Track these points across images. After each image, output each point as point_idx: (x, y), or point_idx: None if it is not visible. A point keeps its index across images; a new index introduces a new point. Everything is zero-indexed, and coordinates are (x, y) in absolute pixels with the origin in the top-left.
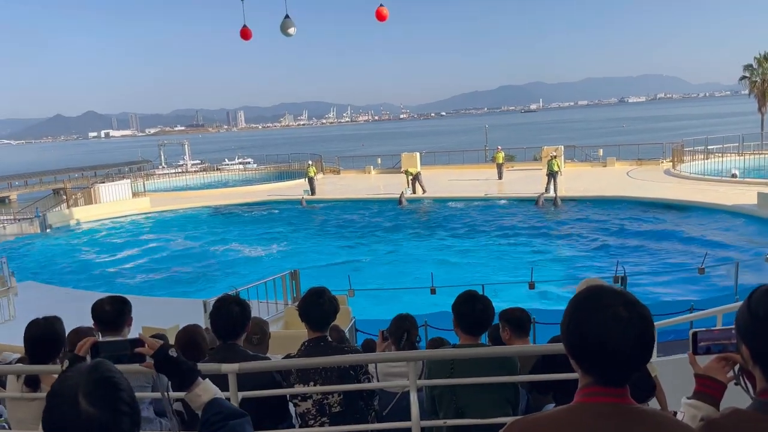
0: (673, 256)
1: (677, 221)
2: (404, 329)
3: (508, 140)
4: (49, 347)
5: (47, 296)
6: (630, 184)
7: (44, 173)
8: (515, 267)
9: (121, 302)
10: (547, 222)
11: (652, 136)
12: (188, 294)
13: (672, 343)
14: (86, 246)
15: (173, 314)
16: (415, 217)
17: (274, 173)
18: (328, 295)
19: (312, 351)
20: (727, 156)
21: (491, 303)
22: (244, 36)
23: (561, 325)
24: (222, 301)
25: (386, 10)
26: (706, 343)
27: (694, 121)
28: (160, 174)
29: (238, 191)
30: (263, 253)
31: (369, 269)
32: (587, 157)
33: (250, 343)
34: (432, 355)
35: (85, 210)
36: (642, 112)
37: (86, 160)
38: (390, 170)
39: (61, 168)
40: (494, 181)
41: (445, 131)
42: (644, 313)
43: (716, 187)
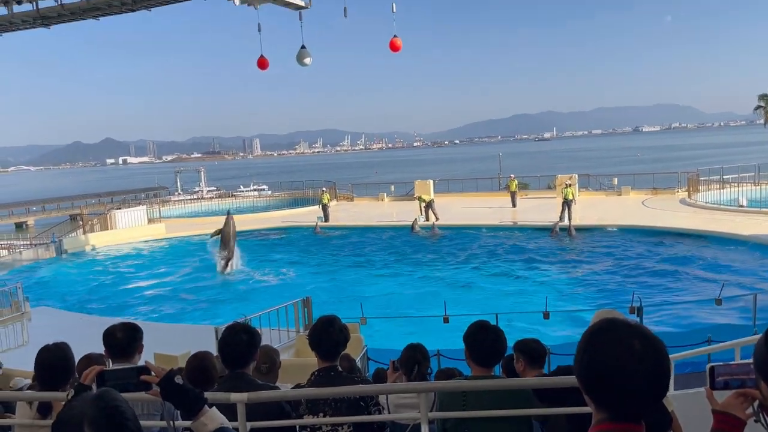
0: (690, 287)
1: (693, 251)
2: (415, 360)
3: (521, 168)
4: (60, 373)
5: (60, 321)
6: (645, 214)
7: (61, 199)
8: (529, 296)
9: (133, 329)
10: (561, 251)
11: (667, 165)
12: (200, 320)
13: (689, 376)
14: (101, 271)
15: (185, 341)
16: (428, 245)
17: (289, 200)
18: (339, 324)
19: (322, 381)
20: (742, 186)
21: (503, 333)
22: (261, 66)
23: (574, 358)
24: (231, 329)
25: (400, 41)
26: (724, 378)
27: (709, 151)
28: (176, 200)
29: (253, 218)
30: (276, 280)
31: (381, 296)
32: (602, 186)
33: (259, 372)
34: (443, 387)
35: (100, 236)
36: (657, 141)
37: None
38: (403, 197)
39: (78, 194)
40: (508, 209)
41: (458, 159)
42: (660, 347)
43: (732, 216)
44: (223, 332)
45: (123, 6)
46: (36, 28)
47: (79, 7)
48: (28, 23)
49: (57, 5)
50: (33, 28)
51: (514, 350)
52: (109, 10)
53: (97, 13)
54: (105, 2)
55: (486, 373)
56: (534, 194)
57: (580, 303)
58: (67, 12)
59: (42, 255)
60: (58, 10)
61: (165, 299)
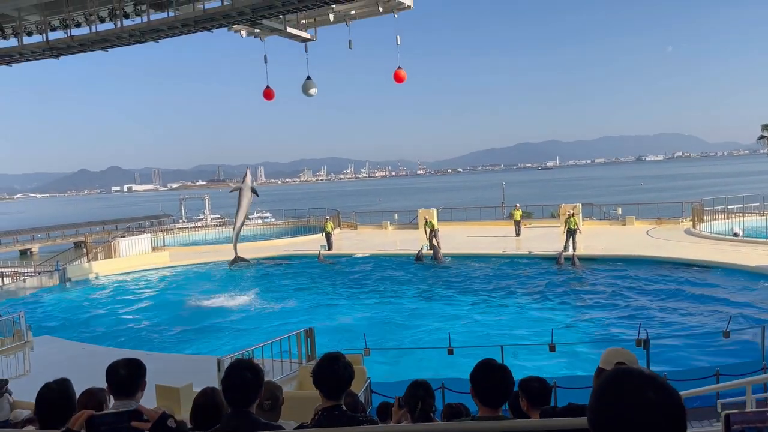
0: (697, 319)
1: (699, 282)
2: (418, 398)
3: (525, 197)
4: (61, 411)
5: (63, 351)
6: (650, 244)
7: (66, 226)
8: (535, 327)
9: (136, 366)
10: (567, 281)
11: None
12: (202, 350)
13: (697, 411)
14: (104, 300)
15: (186, 372)
16: (431, 274)
17: (292, 228)
18: (343, 361)
19: (326, 421)
20: (747, 216)
21: (509, 372)
22: (267, 96)
23: (588, 406)
24: (234, 367)
25: (404, 72)
26: (739, 426)
27: (713, 180)
28: (180, 228)
29: (256, 246)
30: (279, 309)
31: (385, 327)
32: (606, 216)
33: (261, 409)
34: (449, 429)
35: (104, 264)
36: (660, 170)
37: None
38: (407, 226)
39: (82, 221)
40: (512, 238)
41: (461, 187)
42: (675, 398)
43: (738, 247)
44: (226, 370)
45: (131, 38)
46: (45, 58)
47: (88, 39)
48: (38, 54)
49: (66, 37)
50: (42, 59)
51: (519, 388)
52: (118, 42)
53: (105, 45)
54: (113, 34)
55: (493, 413)
56: (538, 223)
57: (586, 335)
58: (76, 43)
59: (45, 283)
60: (67, 42)
61: (167, 329)
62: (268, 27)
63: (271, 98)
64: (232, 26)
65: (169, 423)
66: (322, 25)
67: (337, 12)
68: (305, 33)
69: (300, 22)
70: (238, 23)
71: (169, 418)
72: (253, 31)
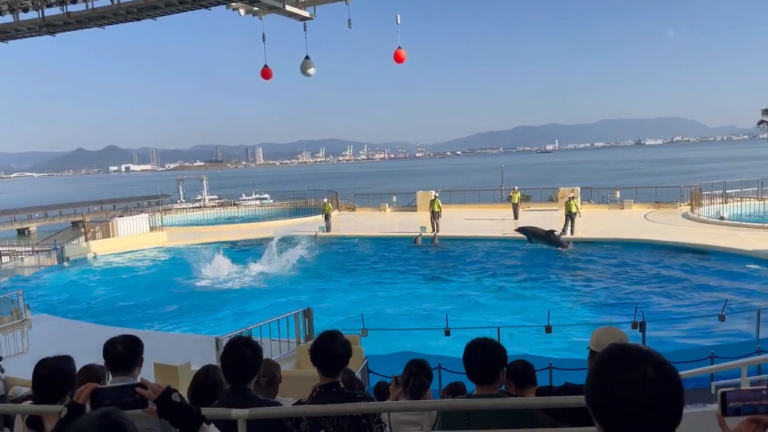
0: (693, 302)
1: (696, 266)
2: (411, 373)
3: (524, 180)
4: (57, 387)
5: (61, 329)
6: (648, 227)
7: (64, 206)
8: (531, 309)
9: (133, 342)
10: (564, 264)
11: (670, 179)
12: (200, 330)
13: (691, 392)
14: (102, 279)
15: (185, 351)
16: (429, 256)
17: (290, 209)
18: (341, 339)
19: (324, 398)
20: (745, 200)
21: (498, 349)
22: (265, 76)
23: (585, 384)
24: (233, 344)
25: (404, 52)
26: (735, 404)
27: (711, 165)
28: (178, 208)
29: (254, 227)
30: (277, 289)
31: (383, 308)
32: (604, 199)
33: (259, 386)
34: (445, 406)
35: (102, 243)
36: (659, 154)
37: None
38: (405, 208)
39: (80, 201)
40: (510, 221)
41: (460, 170)
42: (673, 374)
43: (735, 231)
44: (225, 346)
45: (128, 15)
46: (41, 35)
47: (85, 16)
48: (34, 30)
49: (62, 13)
50: (38, 36)
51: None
52: (115, 19)
53: (102, 22)
54: (110, 11)
55: (489, 391)
56: (536, 206)
57: (583, 317)
58: (72, 20)
59: (43, 262)
60: (63, 18)
61: (165, 308)
62: (266, 5)
63: (269, 77)
64: (230, 4)
65: (174, 397)
66: (322, 3)
67: None
68: (304, 11)
69: (299, 1)
70: (236, 0)
71: (174, 393)
72: (252, 9)
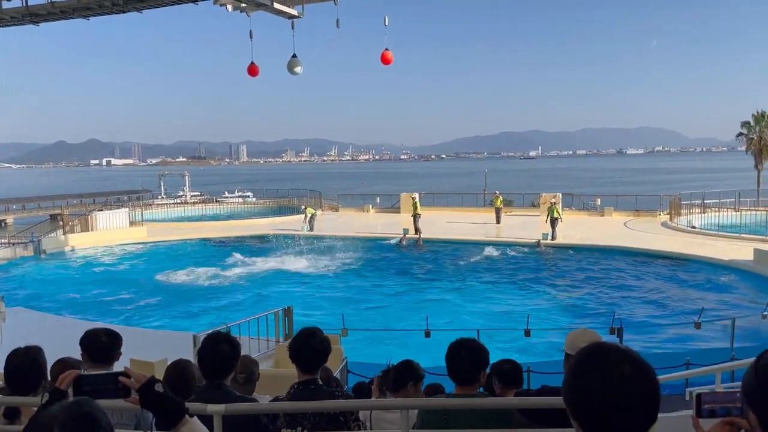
0: (669, 309)
1: (673, 274)
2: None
3: (507, 185)
4: (30, 378)
5: (36, 323)
6: (627, 235)
7: (42, 198)
8: (511, 313)
9: (115, 336)
10: (544, 269)
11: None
12: (178, 326)
13: (665, 398)
14: (79, 273)
15: (162, 347)
16: (411, 258)
17: (273, 207)
18: (320, 336)
19: (301, 394)
20: (723, 211)
21: (481, 350)
22: (252, 73)
23: (562, 382)
24: (212, 338)
25: (391, 54)
26: (710, 406)
27: (691, 175)
28: (159, 204)
29: (236, 224)
30: (257, 288)
31: (363, 308)
32: (585, 206)
33: (236, 383)
34: (423, 405)
35: (80, 237)
36: (640, 164)
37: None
38: (388, 209)
39: (59, 194)
40: (492, 225)
41: (444, 173)
42: (649, 373)
43: (713, 241)
44: (203, 341)
45: (114, 6)
46: (24, 24)
47: (70, 6)
48: (17, 19)
49: (47, 3)
50: (21, 25)
51: (491, 373)
52: (100, 10)
53: (87, 13)
54: (95, 2)
55: (468, 392)
56: (518, 211)
57: (562, 321)
58: (56, 10)
59: (20, 254)
60: (47, 8)
61: (143, 304)
62: (254, 2)
63: (255, 74)
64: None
65: (157, 387)
66: (310, 2)
67: None
68: (292, 9)
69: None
70: None
71: (157, 383)
72: (239, 5)
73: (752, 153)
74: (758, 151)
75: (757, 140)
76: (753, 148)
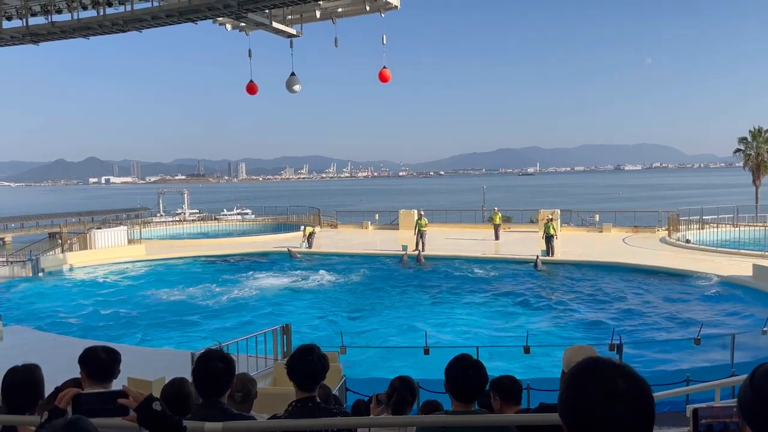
0: (669, 326)
1: (673, 290)
2: (394, 389)
3: (505, 202)
4: (27, 396)
5: (33, 342)
6: (626, 251)
7: (41, 216)
8: (510, 329)
9: (115, 353)
10: (543, 285)
11: (648, 204)
12: (176, 345)
13: (666, 415)
14: (77, 291)
15: (160, 366)
16: (410, 274)
17: (272, 225)
18: (318, 353)
19: (299, 412)
20: (722, 227)
21: (484, 368)
22: (251, 91)
23: (558, 397)
24: (206, 356)
25: (389, 72)
26: (707, 421)
27: (689, 191)
28: (158, 222)
29: (235, 242)
30: (255, 306)
31: (362, 326)
32: (583, 222)
33: (233, 401)
34: (422, 422)
35: (79, 255)
36: (638, 180)
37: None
38: (387, 226)
39: (58, 212)
40: (491, 242)
41: (443, 190)
42: (644, 387)
43: (712, 257)
44: (197, 359)
45: (114, 26)
46: (24, 44)
47: (70, 26)
48: (17, 39)
49: (47, 23)
50: (21, 44)
51: (491, 388)
52: (100, 30)
53: (87, 32)
54: (96, 21)
55: (466, 408)
56: (517, 228)
57: (561, 338)
58: (57, 29)
59: (18, 273)
60: (48, 28)
61: (141, 322)
62: (253, 21)
63: (254, 93)
64: (216, 19)
65: (155, 406)
66: (309, 21)
67: (323, 9)
68: (291, 29)
69: (286, 18)
70: (223, 16)
71: (155, 401)
72: (238, 24)
73: (750, 169)
74: (756, 166)
75: (755, 156)
76: (751, 164)
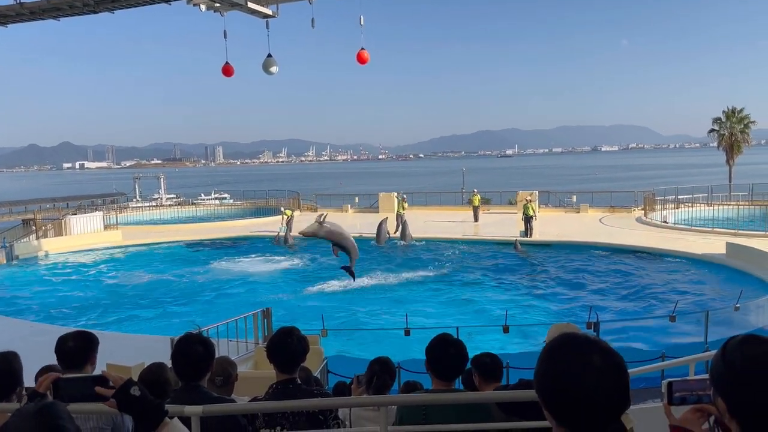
0: (644, 304)
1: (648, 269)
2: (373, 373)
3: (484, 183)
4: (5, 384)
5: (9, 329)
6: (602, 231)
7: (14, 203)
8: (490, 310)
9: (86, 339)
10: (521, 266)
11: (625, 185)
12: (156, 330)
13: (642, 391)
14: (53, 278)
15: (139, 351)
16: (390, 257)
17: (251, 209)
18: (298, 335)
19: (280, 394)
20: (696, 206)
21: (465, 347)
22: (226, 73)
23: (534, 372)
24: (185, 340)
25: (367, 53)
26: (681, 394)
27: (664, 171)
28: (134, 207)
29: (213, 226)
30: (235, 291)
31: (343, 308)
32: (561, 203)
33: (214, 385)
34: (403, 401)
35: (54, 241)
36: (615, 160)
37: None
38: (367, 209)
39: (32, 198)
40: (470, 224)
41: (423, 173)
42: (619, 362)
43: (686, 235)
44: (176, 343)
45: (84, 7)
46: None
47: (39, 7)
48: None
49: (16, 4)
50: None
51: (471, 365)
52: (70, 11)
53: (57, 14)
54: (66, 2)
55: (446, 387)
56: (496, 209)
57: (539, 317)
58: (26, 11)
59: None
60: (16, 9)
61: (119, 308)
62: (228, 1)
63: (230, 75)
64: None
65: (133, 391)
66: (285, 1)
67: None
68: (267, 9)
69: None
70: None
71: (133, 386)
72: (213, 4)
73: (724, 149)
74: (729, 146)
75: (728, 136)
76: (724, 144)
